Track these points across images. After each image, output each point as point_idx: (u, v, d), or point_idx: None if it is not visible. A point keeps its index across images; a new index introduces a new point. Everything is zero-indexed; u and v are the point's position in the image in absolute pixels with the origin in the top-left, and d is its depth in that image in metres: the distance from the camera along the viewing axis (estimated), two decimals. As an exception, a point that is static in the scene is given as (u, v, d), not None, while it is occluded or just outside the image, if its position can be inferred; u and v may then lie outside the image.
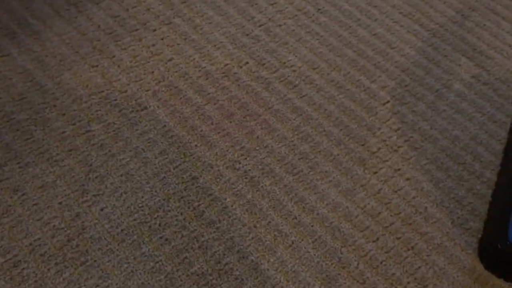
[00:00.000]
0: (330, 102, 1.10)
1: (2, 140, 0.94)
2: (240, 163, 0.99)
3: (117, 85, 1.05)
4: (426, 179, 1.02)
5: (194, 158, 0.98)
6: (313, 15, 1.25)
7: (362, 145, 1.05)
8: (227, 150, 1.00)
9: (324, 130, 1.06)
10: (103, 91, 1.03)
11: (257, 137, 1.03)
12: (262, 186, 0.96)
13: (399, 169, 1.03)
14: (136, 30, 1.14)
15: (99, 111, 1.00)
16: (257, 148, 1.01)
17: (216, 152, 0.99)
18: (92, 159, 0.94)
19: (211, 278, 0.85)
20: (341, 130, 1.07)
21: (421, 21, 1.28)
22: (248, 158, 1.00)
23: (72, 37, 1.09)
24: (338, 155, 1.03)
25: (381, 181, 1.01)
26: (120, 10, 1.16)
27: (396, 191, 1.00)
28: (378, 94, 1.13)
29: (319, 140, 1.04)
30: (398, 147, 1.06)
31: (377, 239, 0.94)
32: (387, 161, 1.04)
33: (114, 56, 1.08)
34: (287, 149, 1.02)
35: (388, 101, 1.13)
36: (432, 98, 1.14)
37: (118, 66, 1.07)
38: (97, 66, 1.06)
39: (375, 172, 1.02)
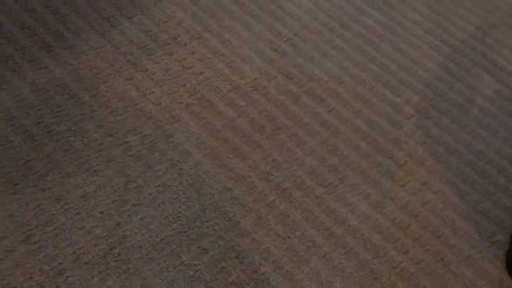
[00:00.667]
0: (356, 116, 1.13)
1: (43, 150, 0.96)
2: (272, 175, 1.01)
3: (151, 97, 1.07)
4: (452, 192, 1.05)
5: (227, 169, 1.01)
6: (338, 30, 1.28)
7: (390, 158, 1.08)
8: (259, 162, 1.03)
9: (352, 144, 1.09)
10: (137, 104, 1.06)
11: (288, 149, 1.06)
12: (294, 198, 0.99)
13: (426, 183, 1.05)
14: (168, 44, 1.17)
15: (135, 123, 1.03)
16: (288, 160, 1.04)
17: (249, 164, 1.02)
18: (130, 170, 0.97)
19: (248, 287, 0.87)
20: (368, 143, 1.09)
21: (442, 37, 1.32)
22: (280, 170, 1.02)
23: (106, 51, 1.13)
24: (366, 168, 1.06)
25: (409, 194, 1.03)
26: (152, 25, 1.19)
27: (424, 204, 1.02)
28: (403, 108, 1.17)
29: (348, 153, 1.07)
30: (424, 160, 1.09)
31: (408, 251, 0.96)
32: (414, 174, 1.07)
33: (147, 70, 1.11)
34: (317, 161, 1.05)
35: (413, 115, 1.16)
36: (456, 112, 1.17)
37: (152, 79, 1.10)
38: (131, 79, 1.09)
39: (403, 185, 1.05)
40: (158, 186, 0.96)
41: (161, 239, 0.90)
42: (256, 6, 1.28)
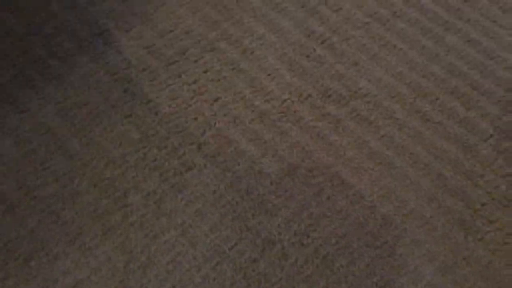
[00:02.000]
0: (416, 142, 0.88)
1: (26, 225, 0.79)
2: (308, 237, 0.80)
3: (155, 139, 0.87)
4: (548, 247, 0.80)
5: (252, 233, 0.80)
6: (388, 21, 1.00)
7: (462, 200, 0.84)
8: (291, 219, 0.81)
9: (412, 182, 0.85)
10: (139, 150, 0.86)
11: (328, 198, 0.83)
12: (337, 268, 0.78)
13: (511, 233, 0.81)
14: (174, 62, 0.94)
15: (136, 177, 0.84)
16: (329, 214, 0.82)
17: (279, 224, 0.81)
18: (131, 244, 0.79)
19: None
20: (432, 181, 0.85)
21: (528, 16, 1.01)
22: (318, 229, 0.81)
23: (99, 79, 0.92)
24: (431, 217, 0.82)
25: (490, 250, 0.80)
26: (154, 37, 0.96)
27: (509, 265, 0.79)
28: (477, 125, 0.90)
29: (405, 197, 0.84)
30: (509, 200, 0.84)
31: (489, 337, 0.74)
32: (495, 221, 0.82)
33: (150, 101, 0.90)
34: (366, 212, 0.82)
35: (491, 136, 0.89)
36: (550, 129, 0.90)
37: (156, 113, 0.89)
38: (130, 115, 0.89)
39: (481, 239, 0.81)
40: (167, 263, 0.77)
41: None
42: (282, -3, 1.02)
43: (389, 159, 0.87)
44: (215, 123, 0.89)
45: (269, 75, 0.94)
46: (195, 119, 0.89)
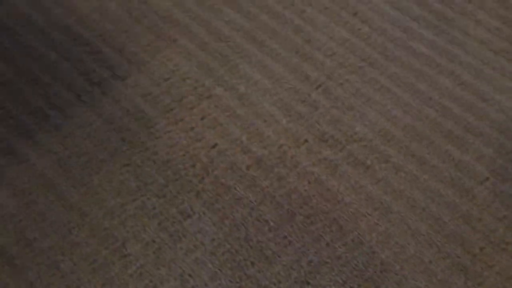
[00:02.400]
0: (412, 186, 0.89)
1: (25, 278, 0.79)
2: (308, 284, 0.80)
3: (153, 188, 0.87)
4: (548, 291, 0.80)
5: (251, 281, 0.80)
6: (381, 65, 1.02)
7: (461, 245, 0.84)
8: (291, 267, 0.81)
9: (410, 228, 0.85)
10: (137, 199, 0.86)
11: (327, 244, 0.83)
12: (338, 317, 0.78)
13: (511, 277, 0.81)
14: (171, 110, 0.95)
15: (135, 227, 0.84)
16: (328, 260, 0.82)
17: (278, 271, 0.81)
18: (130, 296, 0.78)
19: None
20: (430, 225, 0.85)
21: (517, 58, 1.04)
22: (318, 276, 0.81)
23: (97, 129, 0.93)
24: (430, 262, 0.82)
25: (489, 295, 0.80)
26: (150, 86, 0.98)
27: (510, 310, 0.79)
28: (473, 168, 0.91)
29: (404, 243, 0.84)
30: (507, 243, 0.84)
31: None
32: (494, 265, 0.82)
33: (147, 149, 0.91)
34: (364, 258, 0.82)
35: (487, 178, 0.90)
36: (544, 170, 0.91)
37: (154, 161, 0.90)
38: (128, 164, 0.89)
39: (481, 283, 0.81)
40: (166, 315, 0.77)
41: None
42: (277, 43, 1.04)
43: (386, 204, 0.87)
44: (212, 170, 0.90)
45: (265, 121, 0.95)
46: (193, 166, 0.90)
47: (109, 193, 0.87)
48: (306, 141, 0.93)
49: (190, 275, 0.80)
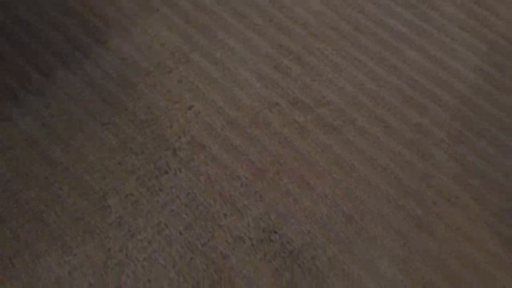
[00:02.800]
0: (375, 147, 0.96)
1: (10, 226, 0.84)
2: (277, 233, 0.87)
3: (132, 145, 0.93)
4: (492, 240, 0.88)
5: (224, 231, 0.86)
6: (351, 35, 1.09)
7: (415, 199, 0.91)
8: (261, 218, 0.88)
9: (370, 184, 0.92)
10: (117, 156, 0.92)
11: (294, 199, 0.90)
12: (302, 262, 0.84)
13: (458, 228, 0.89)
14: (149, 73, 1.00)
15: (115, 181, 0.89)
16: (294, 212, 0.89)
17: (248, 222, 0.87)
18: (110, 242, 0.84)
19: None
20: (389, 182, 0.93)
21: (484, 35, 1.10)
22: (285, 227, 0.87)
23: (79, 91, 0.97)
24: (387, 214, 0.90)
25: (439, 243, 0.87)
26: (131, 50, 1.02)
27: (457, 257, 0.86)
28: (431, 131, 0.98)
29: (365, 198, 0.91)
30: (457, 197, 0.92)
31: (440, 322, 0.81)
32: (444, 218, 0.90)
33: (126, 110, 0.96)
34: (328, 211, 0.89)
35: (443, 140, 0.97)
36: (498, 133, 0.98)
37: (132, 121, 0.95)
38: (108, 124, 0.94)
39: (431, 233, 0.88)
40: (143, 260, 0.83)
41: (147, 332, 0.78)
42: (257, 15, 1.09)
43: (350, 163, 0.94)
44: (189, 130, 0.95)
45: (239, 85, 1.01)
46: (170, 126, 0.95)
47: (90, 150, 0.92)
48: (277, 104, 0.99)
49: (166, 225, 0.86)
